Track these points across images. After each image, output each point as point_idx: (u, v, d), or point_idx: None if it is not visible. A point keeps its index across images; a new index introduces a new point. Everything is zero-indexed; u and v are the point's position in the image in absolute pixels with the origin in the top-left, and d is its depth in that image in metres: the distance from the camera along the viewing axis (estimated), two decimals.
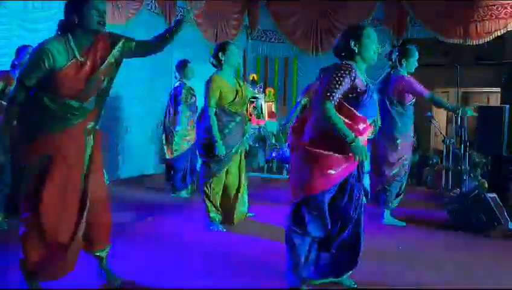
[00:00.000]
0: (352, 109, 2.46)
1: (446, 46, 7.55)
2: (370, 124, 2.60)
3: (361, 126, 2.51)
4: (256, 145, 8.20)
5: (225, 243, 3.70)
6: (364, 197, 2.83)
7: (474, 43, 7.28)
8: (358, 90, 2.47)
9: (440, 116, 9.15)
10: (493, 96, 10.03)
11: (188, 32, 7.61)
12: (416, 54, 4.19)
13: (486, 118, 6.04)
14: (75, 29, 2.38)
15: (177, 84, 5.44)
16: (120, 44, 2.51)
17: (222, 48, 3.91)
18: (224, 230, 3.96)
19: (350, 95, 2.46)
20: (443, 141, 6.54)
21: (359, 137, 2.48)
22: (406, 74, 4.16)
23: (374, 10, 8.12)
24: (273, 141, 8.20)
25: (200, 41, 7.71)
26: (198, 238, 3.82)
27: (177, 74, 5.45)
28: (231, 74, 4.00)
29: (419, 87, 4.08)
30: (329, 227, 2.57)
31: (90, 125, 2.50)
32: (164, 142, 5.52)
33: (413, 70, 4.20)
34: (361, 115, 2.49)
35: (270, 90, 9.01)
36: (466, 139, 5.86)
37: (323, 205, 2.50)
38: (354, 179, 2.59)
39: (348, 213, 2.60)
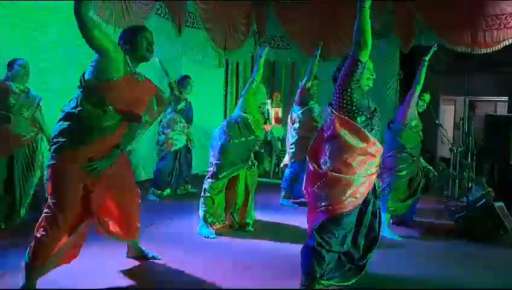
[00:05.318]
0: (364, 130, 2.56)
1: (454, 54, 7.50)
2: (380, 148, 2.65)
3: (373, 149, 2.58)
4: (262, 150, 8.20)
5: (227, 244, 3.74)
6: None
7: (482, 52, 7.26)
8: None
9: (447, 124, 9.12)
10: (501, 105, 9.98)
11: (196, 37, 7.69)
12: None
13: (494, 126, 6.03)
14: (126, 53, 2.58)
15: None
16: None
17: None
18: (214, 237, 3.91)
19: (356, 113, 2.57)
20: (450, 149, 6.50)
21: (372, 160, 2.58)
22: None
23: (382, 17, 8.11)
24: (279, 147, 8.21)
25: (208, 47, 7.75)
26: (201, 238, 3.86)
27: (179, 86, 5.69)
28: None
29: None
30: (353, 244, 2.68)
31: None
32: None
33: None
34: (372, 138, 2.58)
35: (277, 95, 9.03)
36: (473, 147, 5.85)
37: (349, 222, 2.60)
38: (372, 196, 2.71)
39: (374, 230, 2.74)
